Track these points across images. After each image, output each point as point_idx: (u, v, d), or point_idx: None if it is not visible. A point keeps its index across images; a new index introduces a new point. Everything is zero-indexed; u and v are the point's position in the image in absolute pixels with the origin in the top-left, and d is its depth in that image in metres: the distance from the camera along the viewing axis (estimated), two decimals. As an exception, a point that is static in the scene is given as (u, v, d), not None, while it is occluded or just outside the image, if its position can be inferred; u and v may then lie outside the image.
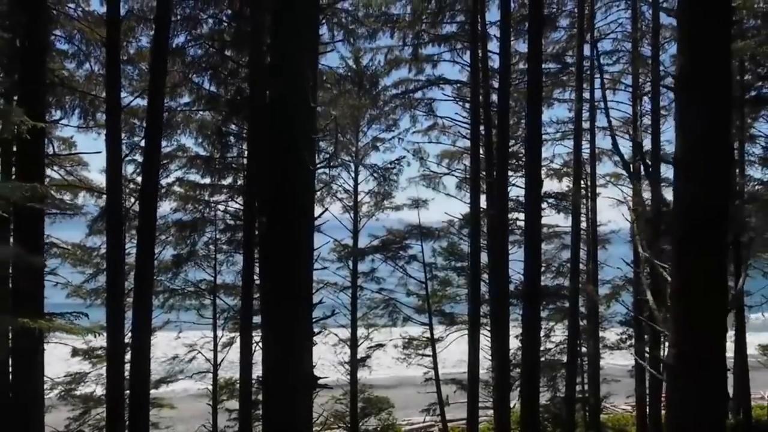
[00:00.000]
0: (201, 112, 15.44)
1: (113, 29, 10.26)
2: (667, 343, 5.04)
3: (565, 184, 20.23)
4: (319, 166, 8.35)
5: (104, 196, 15.01)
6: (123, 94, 12.62)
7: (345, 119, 15.65)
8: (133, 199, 14.91)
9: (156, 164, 10.52)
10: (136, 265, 10.61)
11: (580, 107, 16.27)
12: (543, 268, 19.95)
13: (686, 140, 3.71)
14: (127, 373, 11.11)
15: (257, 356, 13.01)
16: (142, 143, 15.40)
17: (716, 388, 3.50)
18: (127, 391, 10.73)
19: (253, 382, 12.22)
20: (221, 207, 17.51)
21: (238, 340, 17.62)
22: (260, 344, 12.28)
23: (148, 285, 10.37)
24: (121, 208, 11.29)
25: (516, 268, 15.25)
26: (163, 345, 19.48)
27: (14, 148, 10.13)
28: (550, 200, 18.70)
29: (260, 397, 13.21)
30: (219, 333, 18.26)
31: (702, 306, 3.54)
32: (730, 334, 19.66)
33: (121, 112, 10.99)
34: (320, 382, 6.27)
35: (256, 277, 11.75)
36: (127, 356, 11.26)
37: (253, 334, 12.88)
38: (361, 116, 17.02)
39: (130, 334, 11.64)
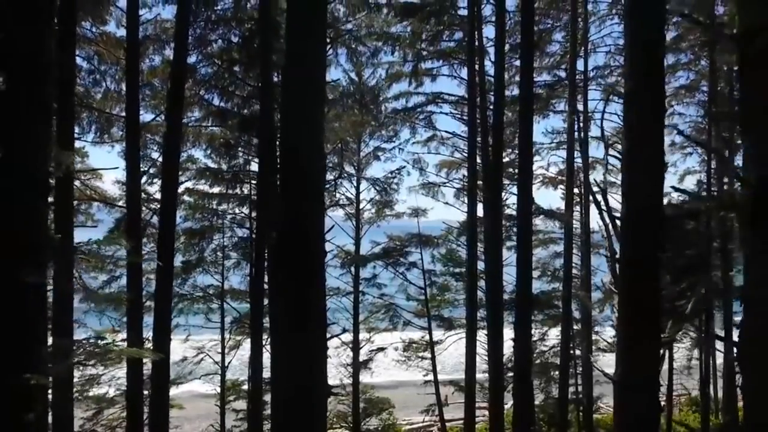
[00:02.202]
0: (209, 123, 16.23)
1: (132, 55, 10.95)
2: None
3: (560, 192, 20.94)
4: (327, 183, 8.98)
5: (117, 206, 15.89)
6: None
7: (347, 132, 16.38)
8: (144, 208, 15.68)
9: (174, 187, 11.25)
10: (156, 272, 11.32)
11: (573, 121, 16.95)
12: (539, 273, 20.72)
13: (630, 204, 4.43)
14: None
15: (265, 358, 13.77)
16: (153, 155, 16.29)
17: (650, 400, 4.26)
18: (145, 392, 11.48)
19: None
20: (229, 215, 18.27)
21: (244, 343, 18.45)
22: (268, 348, 13.04)
23: (167, 290, 11.08)
24: (140, 221, 12.01)
25: (513, 273, 15.93)
26: (172, 348, 20.16)
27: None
28: (544, 212, 19.35)
29: (267, 397, 13.96)
30: (226, 336, 18.97)
31: (639, 338, 4.28)
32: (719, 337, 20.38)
33: (140, 133, 11.70)
34: (330, 389, 6.89)
35: (265, 285, 12.45)
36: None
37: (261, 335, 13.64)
38: (363, 130, 17.76)
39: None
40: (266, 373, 13.38)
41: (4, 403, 3.41)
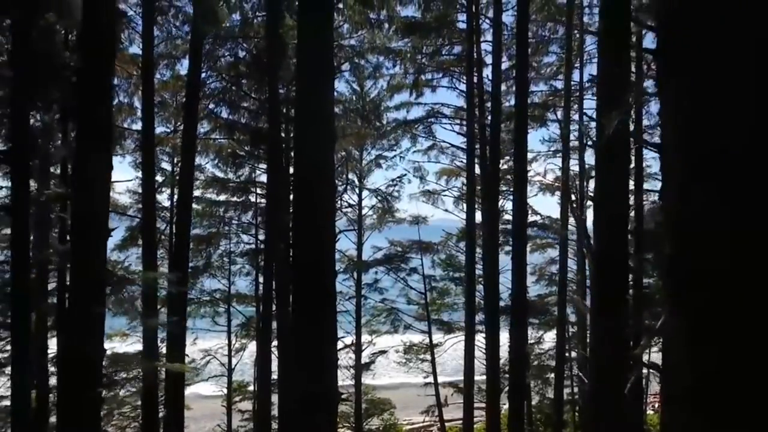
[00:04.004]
0: (217, 135, 16.86)
1: (148, 76, 11.52)
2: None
3: (557, 198, 21.45)
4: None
5: (127, 215, 16.52)
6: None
7: (350, 144, 17.00)
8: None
9: (188, 202, 11.86)
10: (173, 268, 11.94)
11: (568, 133, 17.44)
12: (536, 277, 21.26)
13: (599, 245, 5.06)
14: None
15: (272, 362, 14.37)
16: (162, 165, 16.92)
17: (616, 414, 4.89)
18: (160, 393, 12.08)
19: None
20: (235, 222, 18.90)
21: (250, 346, 19.08)
22: (274, 352, 13.64)
23: (182, 295, 11.69)
24: (155, 231, 12.59)
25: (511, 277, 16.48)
26: (179, 350, 20.78)
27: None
28: (539, 224, 19.93)
29: (273, 399, 14.55)
30: (233, 339, 19.56)
31: (606, 362, 4.93)
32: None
33: (155, 148, 12.30)
34: (340, 395, 7.42)
35: (272, 292, 13.06)
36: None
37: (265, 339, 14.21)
38: (365, 142, 18.39)
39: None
40: (272, 376, 14.07)
41: (82, 412, 4.00)
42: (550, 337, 20.68)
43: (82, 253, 4.26)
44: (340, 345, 20.15)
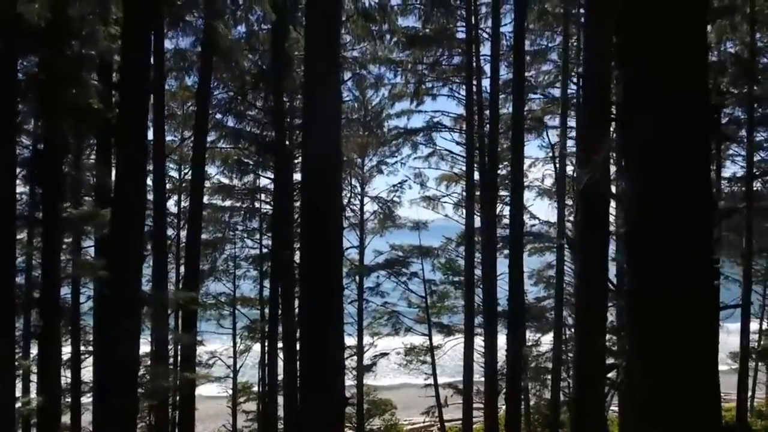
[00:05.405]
0: (224, 144, 17.31)
1: (159, 90, 11.96)
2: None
3: (555, 203, 21.81)
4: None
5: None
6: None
7: (353, 152, 17.44)
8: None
9: (198, 217, 12.33)
10: (184, 282, 12.40)
11: (564, 142, 17.87)
12: (535, 280, 21.63)
13: (583, 264, 5.56)
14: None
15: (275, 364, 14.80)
16: (170, 173, 17.35)
17: (597, 414, 5.39)
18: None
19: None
20: (240, 227, 19.35)
21: (254, 348, 19.54)
22: (281, 355, 14.08)
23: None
24: (165, 237, 13.03)
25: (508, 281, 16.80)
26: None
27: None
28: (537, 227, 20.33)
29: (279, 399, 14.99)
30: (237, 341, 19.99)
31: (585, 372, 5.42)
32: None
33: (165, 160, 12.74)
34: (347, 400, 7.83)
35: (279, 298, 13.50)
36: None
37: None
38: (367, 151, 18.83)
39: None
40: (278, 378, 14.50)
41: (125, 414, 4.46)
42: (547, 340, 20.97)
43: (122, 277, 4.70)
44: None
